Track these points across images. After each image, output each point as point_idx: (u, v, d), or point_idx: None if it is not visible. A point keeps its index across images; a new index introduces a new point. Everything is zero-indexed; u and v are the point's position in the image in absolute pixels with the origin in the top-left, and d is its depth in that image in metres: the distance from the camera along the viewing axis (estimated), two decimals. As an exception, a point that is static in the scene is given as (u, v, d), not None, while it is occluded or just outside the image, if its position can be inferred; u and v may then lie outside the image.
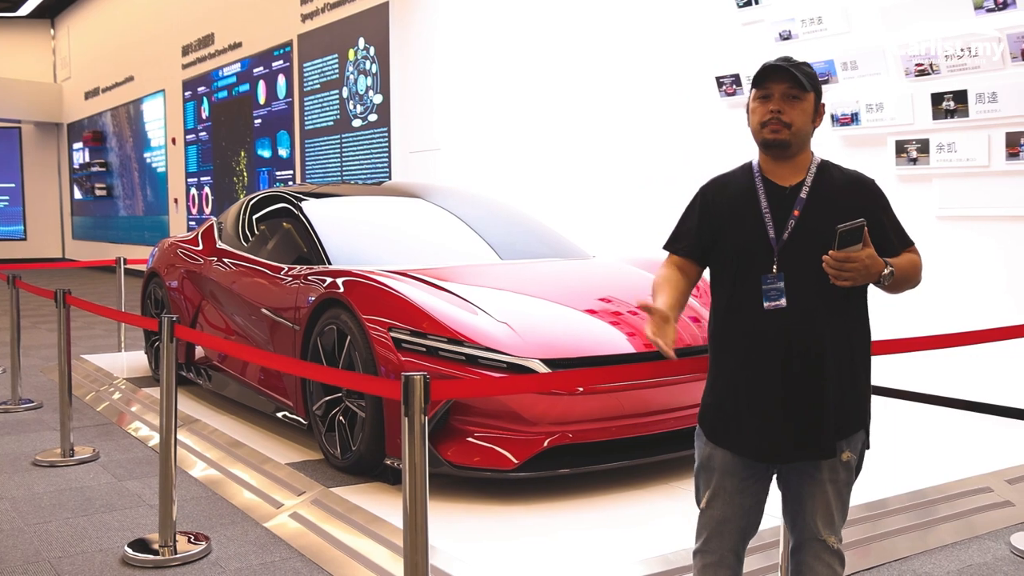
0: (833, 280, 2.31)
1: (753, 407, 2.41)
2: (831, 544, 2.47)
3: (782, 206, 2.42)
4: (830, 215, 2.37)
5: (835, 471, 2.45)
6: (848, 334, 2.43)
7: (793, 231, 2.38)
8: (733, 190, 2.50)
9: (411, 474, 2.48)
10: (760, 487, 2.51)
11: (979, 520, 4.07)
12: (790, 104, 2.40)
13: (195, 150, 17.39)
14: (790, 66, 2.41)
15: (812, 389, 2.38)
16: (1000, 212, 5.62)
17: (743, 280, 2.42)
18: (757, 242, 2.40)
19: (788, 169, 2.46)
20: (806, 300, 2.36)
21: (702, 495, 2.55)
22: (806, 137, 2.45)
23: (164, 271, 6.86)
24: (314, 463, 4.70)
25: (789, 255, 2.37)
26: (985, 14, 5.54)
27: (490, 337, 4.18)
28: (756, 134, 2.46)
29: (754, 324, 2.40)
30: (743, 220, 2.44)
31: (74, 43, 24.51)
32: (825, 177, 2.46)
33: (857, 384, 2.48)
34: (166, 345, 3.78)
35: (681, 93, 7.62)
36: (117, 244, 20.96)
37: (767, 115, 2.41)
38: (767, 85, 2.42)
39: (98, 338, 10.23)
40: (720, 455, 2.48)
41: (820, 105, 2.47)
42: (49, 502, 4.48)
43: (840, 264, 2.27)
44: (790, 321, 2.36)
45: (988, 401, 5.60)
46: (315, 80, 13.19)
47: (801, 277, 2.36)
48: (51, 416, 6.34)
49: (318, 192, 6.16)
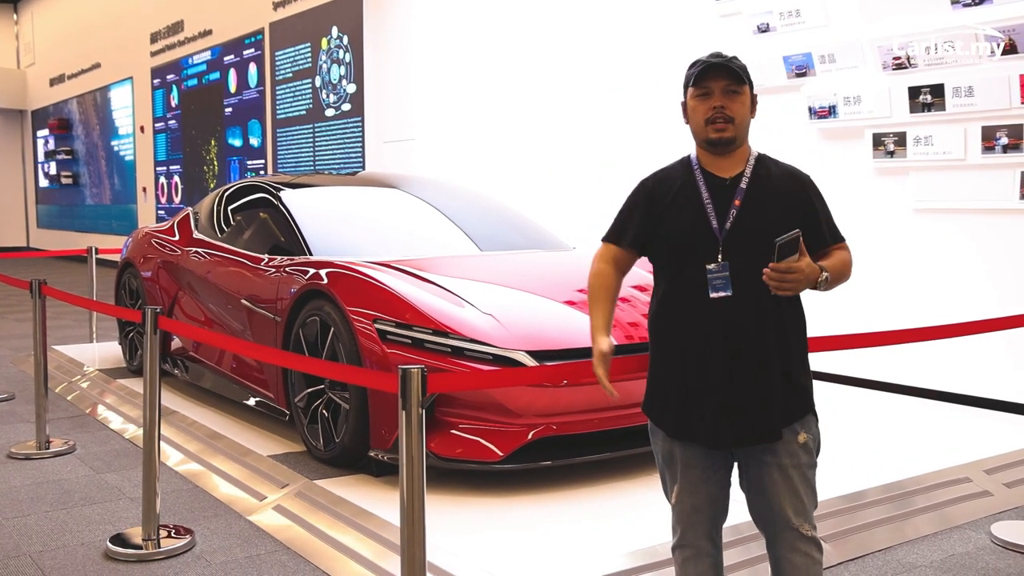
0: (774, 291, 2.35)
1: (698, 395, 2.44)
2: (805, 532, 2.46)
3: (723, 196, 2.45)
4: (769, 205, 2.44)
5: (795, 455, 2.46)
6: (787, 319, 2.47)
7: (735, 221, 2.42)
8: (673, 183, 2.53)
9: (408, 467, 2.47)
10: (723, 473, 2.53)
11: (959, 510, 4.12)
12: (731, 99, 2.45)
13: (164, 138, 17.20)
14: (727, 62, 2.46)
15: (757, 374, 2.41)
16: (976, 205, 5.69)
17: (684, 270, 2.45)
18: (700, 232, 2.44)
19: (727, 162, 2.50)
20: (749, 288, 2.39)
21: (670, 490, 2.58)
22: (746, 130, 2.51)
23: (139, 261, 6.79)
24: (296, 455, 4.67)
25: (732, 244, 2.41)
26: (962, 9, 5.59)
27: (475, 329, 4.17)
28: (699, 132, 2.50)
29: (697, 313, 2.43)
30: (684, 211, 2.47)
31: (38, 29, 24.14)
32: (763, 169, 2.50)
33: (800, 367, 2.50)
34: (150, 337, 3.73)
35: (658, 84, 7.62)
36: (84, 233, 20.71)
37: (710, 111, 2.45)
38: (706, 83, 2.46)
39: (67, 328, 10.10)
40: (679, 448, 2.51)
41: (754, 97, 2.52)
42: (27, 495, 4.42)
43: (781, 276, 2.32)
44: (734, 309, 2.40)
45: (964, 392, 5.66)
46: (287, 69, 13.08)
47: (743, 266, 2.39)
48: (24, 408, 6.25)
49: (295, 182, 6.11)
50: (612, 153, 8.12)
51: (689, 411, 2.45)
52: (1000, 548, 3.75)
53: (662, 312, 2.52)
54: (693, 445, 2.48)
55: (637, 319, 4.56)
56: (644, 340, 4.44)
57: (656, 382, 2.55)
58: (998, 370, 5.54)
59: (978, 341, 4.87)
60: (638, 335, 4.47)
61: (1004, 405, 5.45)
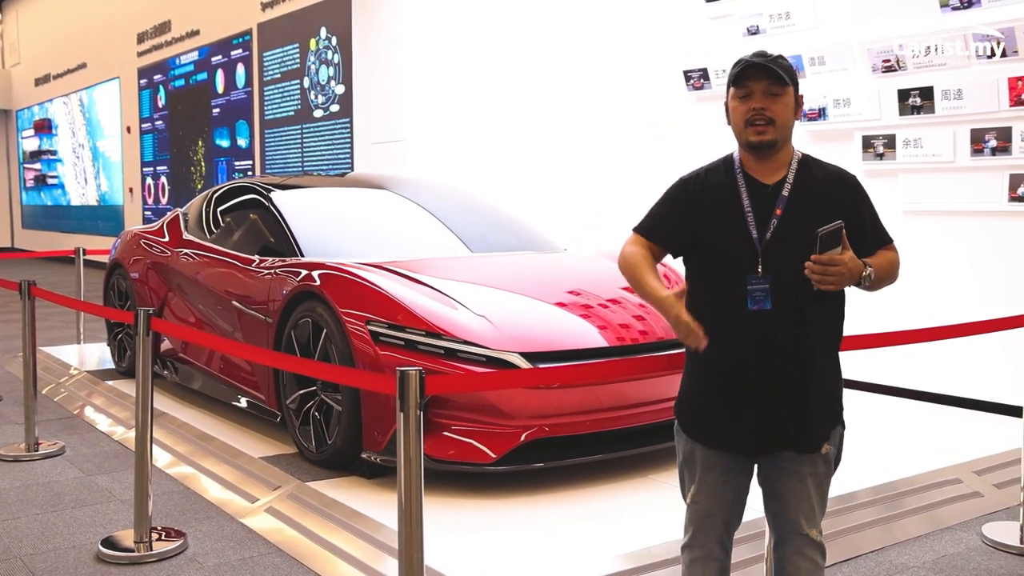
0: (817, 285, 2.30)
1: (735, 404, 2.41)
2: (813, 537, 2.49)
3: (764, 204, 2.40)
4: (812, 213, 2.37)
5: (815, 465, 2.47)
6: (827, 331, 2.45)
7: (776, 230, 2.37)
8: (714, 186, 2.47)
9: (406, 468, 2.46)
10: (742, 480, 2.52)
11: (950, 511, 4.14)
12: (772, 100, 2.38)
13: (151, 139, 17.13)
14: (768, 62, 2.38)
15: (796, 387, 2.39)
16: (964, 207, 5.72)
17: (725, 278, 2.40)
18: (740, 242, 2.38)
19: (770, 166, 2.43)
20: (789, 299, 2.35)
21: (687, 490, 2.56)
22: (789, 132, 2.44)
23: (128, 262, 6.75)
24: (288, 457, 4.66)
25: (772, 255, 2.36)
26: (951, 12, 5.62)
27: (468, 330, 4.16)
28: (740, 135, 2.43)
29: (737, 323, 2.38)
30: (725, 218, 2.41)
31: (23, 28, 24.01)
32: (806, 174, 2.44)
33: (835, 379, 2.50)
34: (142, 338, 3.72)
35: (648, 86, 7.64)
36: (70, 234, 20.60)
37: (750, 112, 2.38)
38: (747, 84, 2.39)
39: (54, 329, 10.04)
40: (701, 450, 2.49)
41: (799, 97, 2.45)
42: (16, 497, 4.39)
43: (824, 268, 2.27)
44: (773, 321, 2.36)
45: (954, 393, 5.69)
46: (275, 69, 13.04)
47: (784, 276, 2.34)
48: (11, 409, 6.21)
49: (285, 183, 6.09)
50: (600, 154, 8.12)
51: (727, 421, 2.43)
52: (991, 548, 3.77)
53: (699, 317, 2.41)
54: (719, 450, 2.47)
55: (628, 320, 4.56)
56: (636, 341, 4.50)
57: (691, 388, 2.51)
58: (988, 371, 5.57)
59: (968, 342, 4.90)
60: (629, 336, 4.48)
61: (994, 406, 5.48)
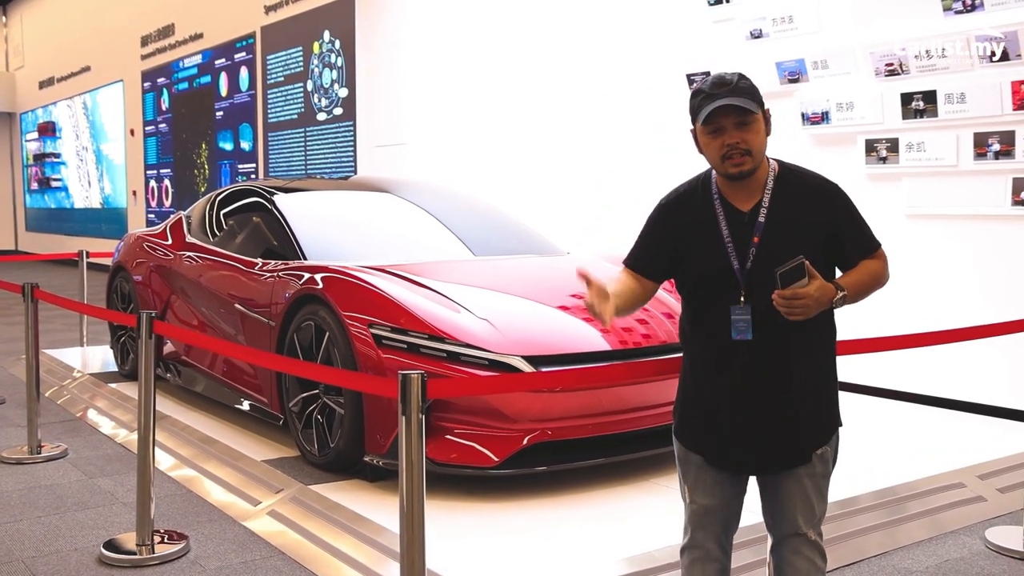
0: (786, 316, 2.31)
1: (722, 425, 2.44)
2: (811, 537, 2.49)
3: (742, 232, 2.39)
4: (788, 238, 2.36)
5: (811, 466, 2.48)
6: (815, 349, 2.45)
7: (755, 259, 2.36)
8: (693, 212, 2.45)
9: (408, 472, 2.46)
10: (738, 479, 2.54)
11: (953, 516, 4.13)
12: (744, 131, 2.34)
13: (155, 142, 17.16)
14: (733, 97, 2.31)
15: (783, 409, 2.41)
16: (968, 211, 5.71)
17: (710, 307, 2.42)
18: (722, 271, 2.38)
19: (746, 191, 2.41)
20: (773, 326, 2.36)
21: (684, 490, 2.58)
22: (764, 152, 2.41)
23: (131, 265, 6.76)
24: (290, 460, 4.66)
25: (754, 284, 2.36)
26: (954, 16, 5.62)
27: (471, 334, 4.16)
28: (716, 166, 2.41)
29: (723, 351, 2.41)
30: (706, 249, 2.41)
31: (27, 31, 24.05)
32: (783, 192, 2.41)
33: (827, 393, 2.51)
34: (144, 341, 3.72)
35: (651, 90, 7.64)
36: (73, 237, 20.63)
37: (724, 148, 2.35)
38: (716, 120, 2.34)
39: (56, 332, 10.05)
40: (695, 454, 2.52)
41: (767, 113, 2.40)
42: (19, 500, 4.39)
43: (789, 302, 2.28)
44: (758, 349, 2.38)
45: (957, 398, 5.68)
46: (279, 73, 13.06)
47: (767, 303, 2.33)
48: (13, 412, 6.22)
49: (289, 186, 6.10)
50: (603, 157, 8.12)
51: (716, 439, 2.46)
52: (995, 553, 3.76)
53: (688, 335, 2.50)
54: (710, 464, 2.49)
55: (631, 324, 4.56)
56: (638, 345, 4.50)
57: (685, 400, 2.54)
58: (991, 376, 5.56)
59: (971, 347, 4.88)
60: (632, 340, 4.47)
61: (996, 410, 5.47)
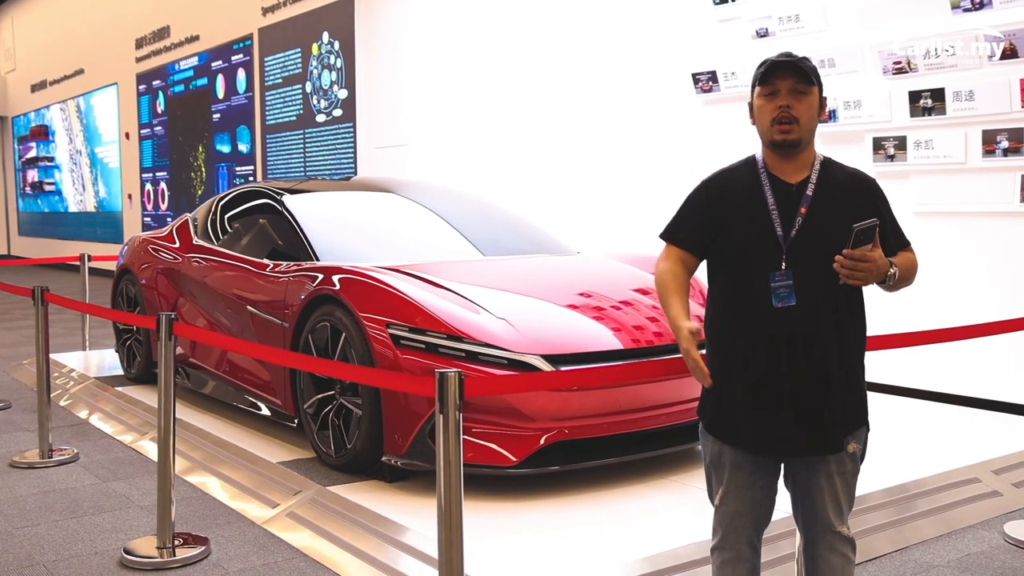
0: (844, 279, 2.32)
1: (757, 404, 2.42)
2: (844, 533, 2.50)
3: (788, 203, 2.42)
4: (835, 213, 2.40)
5: (842, 463, 2.48)
6: (849, 330, 2.45)
7: (800, 228, 2.39)
8: (738, 185, 2.49)
9: (446, 472, 2.46)
10: (769, 480, 2.52)
11: (969, 511, 4.14)
12: (797, 99, 2.41)
13: (150, 145, 17.11)
14: (795, 61, 2.42)
15: (819, 387, 2.39)
16: (977, 208, 5.73)
17: (747, 276, 2.41)
18: (764, 239, 2.40)
19: (793, 166, 2.46)
20: (812, 298, 2.37)
21: (715, 492, 2.57)
22: (812, 132, 2.46)
23: (137, 268, 6.74)
24: (306, 461, 4.65)
25: (796, 253, 2.38)
26: (962, 13, 5.64)
27: (490, 333, 4.16)
28: (765, 133, 2.46)
29: (759, 322, 2.39)
30: (749, 216, 2.44)
31: (19, 34, 23.96)
32: (828, 175, 2.47)
33: (859, 379, 2.51)
34: (164, 343, 3.71)
35: (657, 89, 7.65)
36: (67, 241, 20.56)
37: (776, 111, 2.41)
38: (773, 82, 2.43)
39: (58, 336, 10.01)
40: (729, 451, 2.50)
41: (823, 99, 2.48)
42: (34, 504, 4.37)
43: (854, 263, 2.29)
44: (796, 319, 2.37)
45: (968, 394, 5.69)
46: (277, 74, 13.04)
47: (807, 275, 2.36)
48: (22, 416, 6.19)
49: (296, 188, 6.08)
50: (607, 156, 8.12)
51: (752, 422, 2.43)
52: (1014, 547, 3.77)
53: (721, 318, 2.48)
54: (741, 450, 2.48)
55: (642, 322, 4.56)
56: (650, 344, 4.50)
57: (714, 388, 2.50)
58: (1002, 372, 5.58)
59: (981, 343, 4.90)
60: (644, 339, 4.47)
61: (1008, 406, 5.47)
